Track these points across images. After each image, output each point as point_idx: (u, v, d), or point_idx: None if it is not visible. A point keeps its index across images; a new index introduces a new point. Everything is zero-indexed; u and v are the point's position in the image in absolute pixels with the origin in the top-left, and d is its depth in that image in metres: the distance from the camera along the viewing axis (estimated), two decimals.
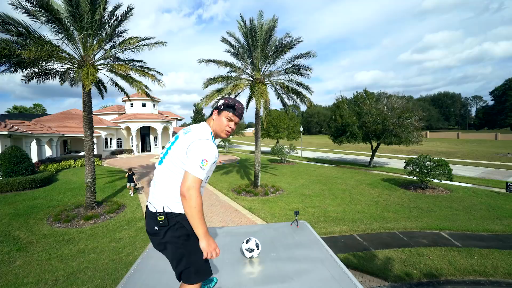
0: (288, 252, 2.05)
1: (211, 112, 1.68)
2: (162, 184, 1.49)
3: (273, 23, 9.32)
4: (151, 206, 1.49)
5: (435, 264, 4.52)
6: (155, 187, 1.53)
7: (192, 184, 1.36)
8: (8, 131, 11.97)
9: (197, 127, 1.61)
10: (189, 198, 1.35)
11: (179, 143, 1.50)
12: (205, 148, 1.44)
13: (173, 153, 1.50)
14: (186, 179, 1.37)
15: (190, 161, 1.39)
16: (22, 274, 4.35)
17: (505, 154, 21.72)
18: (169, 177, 1.48)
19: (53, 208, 7.87)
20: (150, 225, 1.50)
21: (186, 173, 1.38)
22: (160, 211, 1.45)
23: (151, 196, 1.53)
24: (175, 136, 1.61)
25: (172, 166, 1.48)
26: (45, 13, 6.39)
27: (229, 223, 6.78)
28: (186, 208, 1.36)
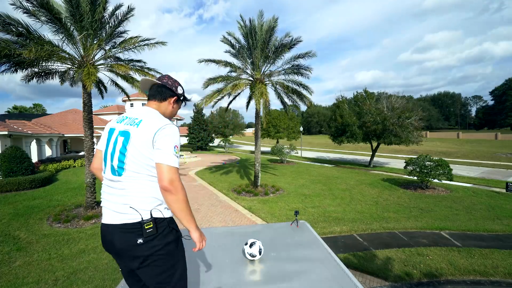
0: (288, 252, 2.05)
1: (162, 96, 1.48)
2: (137, 191, 1.27)
3: (273, 23, 9.32)
4: (125, 216, 1.24)
5: (435, 264, 4.52)
6: (125, 196, 1.27)
7: (173, 176, 1.22)
8: (8, 131, 11.97)
9: (149, 114, 1.39)
10: (175, 191, 1.22)
11: (137, 139, 1.27)
12: (173, 134, 1.30)
13: (134, 153, 1.27)
14: (163, 171, 1.22)
15: (162, 152, 1.24)
16: (22, 274, 4.35)
17: (505, 154, 21.72)
18: (143, 181, 1.27)
19: (53, 208, 7.87)
20: (126, 240, 1.24)
21: (161, 166, 1.23)
22: (148, 217, 1.24)
23: (122, 207, 1.26)
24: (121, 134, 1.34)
25: (141, 168, 1.27)
26: (45, 13, 6.39)
27: (229, 223, 6.78)
28: (174, 203, 1.24)
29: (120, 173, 1.28)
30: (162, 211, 1.30)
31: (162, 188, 1.23)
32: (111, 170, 1.32)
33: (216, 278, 1.72)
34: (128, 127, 1.34)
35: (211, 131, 35.19)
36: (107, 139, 1.40)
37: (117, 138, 1.34)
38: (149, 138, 1.26)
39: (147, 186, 1.28)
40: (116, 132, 1.37)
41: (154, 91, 1.49)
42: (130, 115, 1.42)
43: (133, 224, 1.24)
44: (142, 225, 1.23)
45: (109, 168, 1.33)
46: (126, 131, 1.33)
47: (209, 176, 13.84)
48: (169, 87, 1.49)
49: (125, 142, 1.30)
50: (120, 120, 1.44)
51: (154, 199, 1.28)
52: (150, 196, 1.28)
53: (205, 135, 33.27)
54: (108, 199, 1.34)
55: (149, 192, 1.28)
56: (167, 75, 1.54)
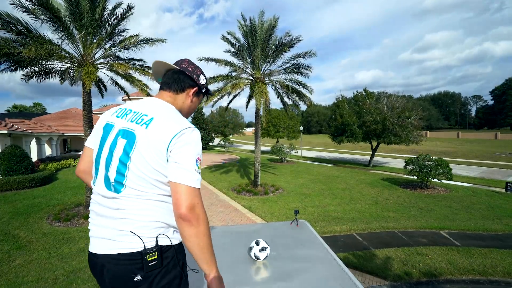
0: (287, 251, 2.05)
1: (180, 86, 1.13)
2: (140, 213, 0.95)
3: (274, 22, 9.31)
4: (121, 245, 0.93)
5: (434, 264, 4.53)
6: (123, 219, 0.94)
7: (195, 200, 0.91)
8: (8, 130, 11.96)
9: (163, 110, 1.03)
10: (197, 221, 0.90)
11: (145, 146, 0.93)
12: (196, 141, 0.97)
13: (140, 165, 0.93)
14: (181, 194, 0.90)
15: (180, 167, 0.91)
16: (22, 272, 4.35)
17: (504, 154, 21.73)
18: (148, 201, 0.95)
19: (53, 207, 7.87)
20: (120, 275, 0.93)
21: (178, 186, 0.91)
22: (152, 246, 0.94)
23: (118, 233, 0.94)
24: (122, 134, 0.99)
25: (147, 186, 0.94)
26: (45, 12, 6.37)
27: (229, 222, 6.79)
28: (193, 238, 0.90)
29: (118, 189, 0.95)
30: (170, 237, 0.99)
31: (180, 216, 0.90)
32: (105, 183, 0.98)
33: None
34: (134, 126, 0.98)
35: (211, 130, 35.18)
36: (101, 138, 1.05)
37: (116, 139, 0.99)
38: (163, 145, 0.93)
39: (153, 207, 0.96)
40: (115, 130, 1.01)
41: (169, 78, 1.14)
42: (135, 108, 1.05)
43: (131, 255, 0.92)
44: (144, 256, 0.92)
45: (102, 180, 0.99)
46: (130, 131, 0.98)
47: (209, 175, 13.84)
48: (189, 74, 1.14)
49: (128, 147, 0.95)
50: (121, 113, 1.07)
51: (161, 223, 0.97)
52: (156, 220, 0.96)
53: (205, 134, 33.26)
54: (98, 221, 1.00)
55: (155, 216, 0.96)
56: (187, 59, 1.19)
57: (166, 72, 1.17)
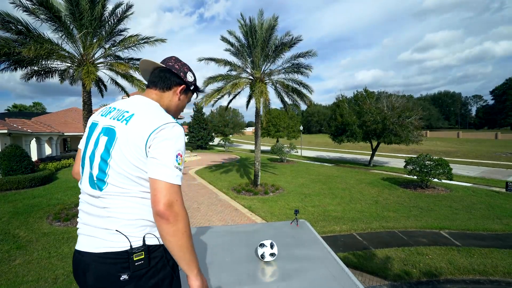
0: (288, 251, 2.04)
1: (166, 84, 1.12)
2: (124, 211, 0.94)
3: (274, 22, 9.30)
4: (107, 244, 0.92)
5: (434, 263, 4.52)
6: (108, 218, 0.94)
7: (173, 197, 0.89)
8: (8, 129, 11.96)
9: (145, 106, 1.02)
10: (174, 219, 0.87)
11: (124, 142, 0.93)
12: (176, 137, 0.95)
13: (120, 162, 0.92)
14: (159, 191, 0.88)
15: (158, 163, 0.90)
16: (22, 272, 4.35)
17: (505, 154, 21.72)
18: (132, 198, 0.94)
19: (53, 206, 7.87)
20: (105, 274, 0.91)
21: (156, 182, 0.89)
22: (139, 245, 0.92)
23: (103, 231, 0.93)
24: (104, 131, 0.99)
25: (128, 183, 0.93)
26: (44, 11, 6.37)
27: (229, 222, 6.79)
28: (171, 236, 0.88)
29: (101, 187, 0.94)
30: (158, 236, 0.97)
31: (157, 213, 0.88)
32: (89, 181, 0.98)
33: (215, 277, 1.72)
34: (115, 123, 0.98)
35: (211, 130, 35.19)
36: (86, 138, 1.06)
37: (98, 137, 1.00)
38: (141, 141, 0.91)
39: (138, 205, 0.95)
40: (99, 128, 1.02)
41: (156, 76, 1.13)
42: (119, 106, 1.05)
43: (118, 254, 0.91)
44: (130, 255, 0.91)
45: (87, 178, 0.99)
46: (110, 128, 0.98)
47: (209, 175, 13.84)
48: (175, 72, 1.13)
49: (109, 144, 0.95)
50: (105, 112, 1.07)
51: (146, 221, 0.96)
52: (141, 218, 0.95)
53: (205, 134, 33.28)
54: (84, 219, 1.00)
55: (140, 214, 0.95)
56: (174, 57, 1.18)
57: (153, 71, 1.16)
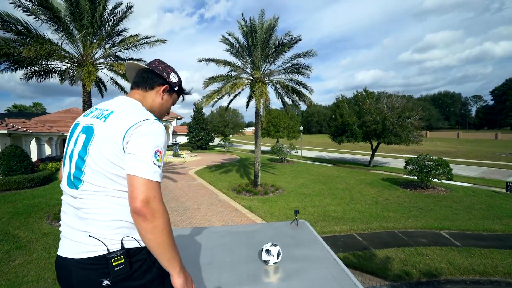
0: (288, 251, 2.04)
1: (149, 84, 1.12)
2: (100, 212, 0.90)
3: (274, 22, 9.31)
4: (85, 248, 0.89)
5: (434, 264, 4.52)
6: (84, 220, 0.91)
7: (151, 193, 0.86)
8: (8, 129, 11.96)
9: (125, 105, 1.02)
10: (152, 215, 0.84)
11: (101, 138, 0.92)
12: (154, 133, 0.92)
13: (96, 158, 0.91)
14: (136, 187, 0.85)
15: (135, 158, 0.87)
16: (21, 272, 4.34)
17: (505, 154, 21.72)
18: (108, 198, 0.91)
19: (53, 206, 7.86)
20: (86, 280, 0.89)
21: (133, 179, 0.86)
22: (116, 249, 0.89)
23: (81, 234, 0.91)
24: (83, 130, 0.99)
25: (104, 180, 0.91)
26: (44, 12, 6.38)
27: (228, 222, 6.78)
28: (149, 233, 0.85)
29: (77, 185, 0.92)
30: (138, 238, 0.93)
31: (134, 211, 0.85)
32: (68, 181, 0.97)
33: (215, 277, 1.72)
34: (93, 121, 0.98)
35: (211, 130, 35.18)
36: (68, 139, 1.05)
37: (78, 136, 0.99)
38: (118, 136, 0.90)
39: (114, 205, 0.91)
40: (79, 128, 1.02)
41: (139, 77, 1.13)
42: (101, 106, 1.06)
43: (96, 259, 0.88)
44: (109, 260, 0.87)
45: (65, 177, 0.99)
46: (89, 126, 0.97)
47: (209, 175, 13.84)
48: (158, 73, 1.13)
49: (86, 141, 0.94)
50: (88, 112, 1.08)
51: (124, 222, 0.92)
52: (119, 219, 0.91)
53: (205, 134, 33.27)
54: (65, 221, 0.98)
55: (116, 215, 0.91)
56: (157, 59, 1.19)
57: (137, 73, 1.16)
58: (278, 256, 1.79)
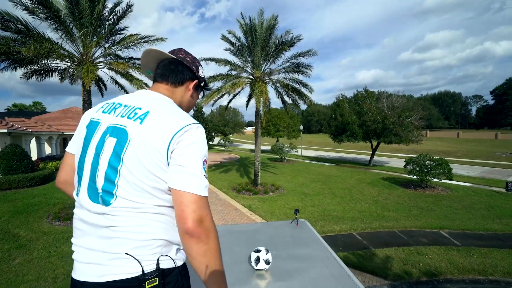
0: (288, 250, 2.04)
1: (179, 78, 0.97)
2: (136, 230, 0.77)
3: (273, 21, 9.29)
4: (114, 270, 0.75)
5: (434, 263, 4.53)
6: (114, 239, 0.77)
7: (204, 212, 0.76)
8: (8, 129, 11.96)
9: (161, 103, 0.87)
10: (206, 236, 0.75)
11: (141, 145, 0.76)
12: (202, 140, 0.82)
13: (134, 169, 0.76)
14: (188, 205, 0.74)
15: (184, 172, 0.75)
16: (22, 271, 4.35)
17: (505, 154, 21.72)
18: (145, 215, 0.78)
19: (53, 206, 7.87)
20: None
21: (183, 195, 0.75)
22: (152, 269, 0.77)
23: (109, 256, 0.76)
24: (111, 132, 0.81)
25: (144, 195, 0.77)
26: (44, 10, 6.36)
27: (228, 222, 6.79)
28: (201, 256, 0.75)
29: (108, 201, 0.77)
30: (174, 258, 0.83)
31: (186, 232, 0.74)
32: (91, 194, 0.80)
33: None
34: (125, 122, 0.81)
35: (211, 130, 35.17)
36: (84, 139, 0.86)
37: (103, 139, 0.81)
38: (162, 144, 0.76)
39: (152, 222, 0.79)
40: (102, 128, 0.84)
41: (166, 69, 0.97)
42: (126, 102, 0.88)
43: (127, 281, 0.75)
44: (142, 282, 0.75)
45: (85, 190, 0.81)
46: (120, 128, 0.80)
47: (209, 174, 13.82)
48: (187, 65, 0.99)
49: (119, 148, 0.78)
50: (108, 108, 0.89)
51: (162, 241, 0.80)
52: (156, 238, 0.79)
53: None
54: (83, 242, 0.81)
55: (154, 233, 0.79)
56: (182, 49, 1.02)
57: (160, 62, 0.99)
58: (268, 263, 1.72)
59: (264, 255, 1.73)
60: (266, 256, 1.72)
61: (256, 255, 1.74)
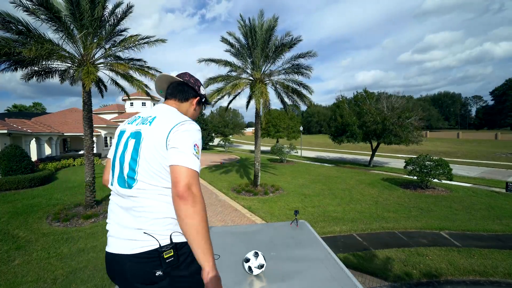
0: (287, 251, 2.04)
1: (184, 96, 1.28)
2: (152, 209, 1.01)
3: (273, 22, 9.30)
4: (138, 244, 0.99)
5: (434, 264, 4.52)
6: (137, 217, 1.01)
7: (192, 180, 0.96)
8: (8, 129, 11.96)
9: (166, 111, 1.17)
10: (193, 200, 0.94)
11: (149, 140, 1.04)
12: (193, 130, 1.06)
13: (147, 158, 1.02)
14: (179, 174, 0.96)
15: (178, 151, 0.99)
16: (21, 272, 4.34)
17: (505, 154, 21.72)
18: (158, 196, 1.02)
19: (53, 207, 7.86)
20: (142, 273, 0.98)
21: (176, 168, 0.97)
22: (167, 243, 0.99)
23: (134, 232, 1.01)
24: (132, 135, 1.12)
25: (155, 178, 1.02)
26: (45, 11, 6.37)
27: (228, 223, 6.78)
28: (189, 218, 0.94)
29: (131, 184, 1.03)
30: None
31: (176, 194, 0.95)
32: (119, 181, 1.08)
33: None
34: (140, 127, 1.11)
35: (211, 131, 35.18)
36: (116, 144, 1.18)
37: (127, 141, 1.12)
38: (163, 136, 1.02)
39: (164, 202, 1.03)
40: (127, 134, 1.15)
41: (174, 89, 1.29)
42: (143, 115, 1.20)
43: (149, 253, 0.98)
44: (161, 253, 0.97)
45: (117, 178, 1.09)
46: (137, 132, 1.10)
47: (209, 175, 13.83)
48: (191, 86, 1.30)
49: (137, 145, 1.06)
50: (132, 120, 1.21)
51: (171, 220, 1.03)
52: (168, 216, 1.02)
53: (205, 134, 33.29)
54: (115, 219, 1.08)
55: (166, 211, 1.02)
56: (187, 73, 1.35)
57: (169, 85, 1.31)
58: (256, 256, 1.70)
59: (254, 262, 1.69)
60: (257, 261, 1.68)
61: (247, 266, 1.70)
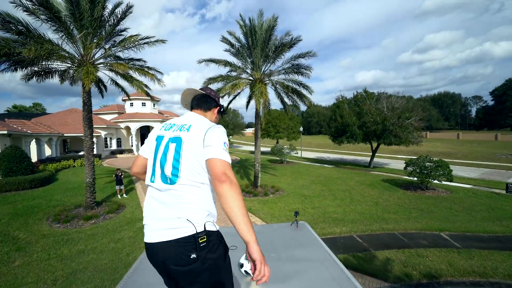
0: (288, 252, 2.04)
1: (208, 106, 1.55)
2: (191, 202, 1.21)
3: (273, 22, 9.31)
4: (179, 231, 1.17)
5: (434, 265, 4.51)
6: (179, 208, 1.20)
7: (226, 167, 1.17)
8: (8, 130, 11.96)
9: (197, 119, 1.41)
10: (230, 182, 1.12)
11: (189, 144, 1.25)
12: (222, 132, 1.32)
13: (188, 159, 1.23)
14: (216, 165, 1.17)
15: (212, 148, 1.21)
16: (21, 274, 4.34)
17: (505, 155, 21.72)
18: (196, 190, 1.23)
19: (53, 208, 7.86)
20: (181, 256, 1.16)
21: (212, 160, 1.18)
22: (201, 230, 1.18)
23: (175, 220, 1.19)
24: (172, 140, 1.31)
25: (195, 175, 1.23)
26: (45, 12, 6.38)
27: (228, 224, 6.77)
28: (230, 197, 1.10)
29: (174, 181, 1.22)
30: (214, 224, 1.26)
31: (216, 178, 1.14)
32: (162, 178, 1.26)
33: None
34: (179, 133, 1.31)
35: None
36: (155, 147, 1.37)
37: (167, 144, 1.30)
38: (200, 140, 1.25)
39: (200, 196, 1.24)
40: (166, 139, 1.34)
41: (199, 100, 1.54)
42: (177, 122, 1.42)
43: (187, 238, 1.16)
44: (196, 238, 1.16)
45: (159, 176, 1.27)
46: (177, 137, 1.30)
47: None
48: (213, 97, 1.56)
49: (178, 148, 1.26)
50: (167, 127, 1.42)
51: (206, 211, 1.24)
52: (203, 208, 1.23)
53: None
54: (153, 212, 1.26)
55: (202, 204, 1.23)
56: (208, 87, 1.61)
57: (195, 96, 1.56)
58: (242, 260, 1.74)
59: (247, 265, 1.71)
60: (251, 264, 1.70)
61: (243, 270, 1.73)
